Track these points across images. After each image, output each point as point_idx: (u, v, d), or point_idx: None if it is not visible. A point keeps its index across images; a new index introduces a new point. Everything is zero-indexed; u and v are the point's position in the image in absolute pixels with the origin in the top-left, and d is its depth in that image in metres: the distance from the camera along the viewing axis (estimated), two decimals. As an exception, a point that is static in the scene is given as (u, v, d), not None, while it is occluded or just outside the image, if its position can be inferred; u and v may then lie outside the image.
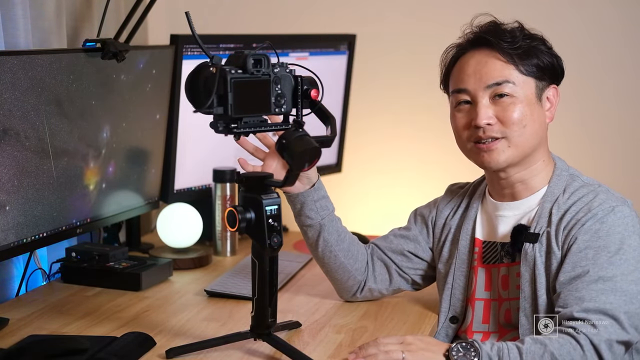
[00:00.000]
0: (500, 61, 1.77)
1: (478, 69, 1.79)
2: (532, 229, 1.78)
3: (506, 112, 1.76)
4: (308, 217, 1.88)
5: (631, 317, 1.63)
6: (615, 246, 1.69)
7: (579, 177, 1.82)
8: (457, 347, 1.60)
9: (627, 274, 1.67)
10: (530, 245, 1.77)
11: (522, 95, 1.77)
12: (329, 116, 1.69)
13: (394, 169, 2.89)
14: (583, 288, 1.67)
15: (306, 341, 1.81)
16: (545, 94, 1.81)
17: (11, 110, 1.85)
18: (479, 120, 1.77)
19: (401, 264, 1.99)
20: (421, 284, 2.03)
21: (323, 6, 2.89)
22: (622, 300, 1.64)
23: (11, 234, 1.90)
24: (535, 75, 1.78)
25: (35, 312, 1.95)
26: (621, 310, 1.63)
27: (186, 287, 2.18)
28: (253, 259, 1.68)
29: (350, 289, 1.99)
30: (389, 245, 2.00)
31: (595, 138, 2.69)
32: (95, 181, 2.17)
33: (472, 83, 1.79)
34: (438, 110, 2.84)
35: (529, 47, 1.78)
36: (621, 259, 1.68)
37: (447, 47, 1.87)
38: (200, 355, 1.71)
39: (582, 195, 1.77)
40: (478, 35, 1.82)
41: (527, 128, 1.77)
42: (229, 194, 2.45)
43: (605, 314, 1.62)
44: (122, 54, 2.09)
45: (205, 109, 1.56)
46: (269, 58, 1.61)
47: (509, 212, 1.84)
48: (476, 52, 1.81)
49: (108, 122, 2.17)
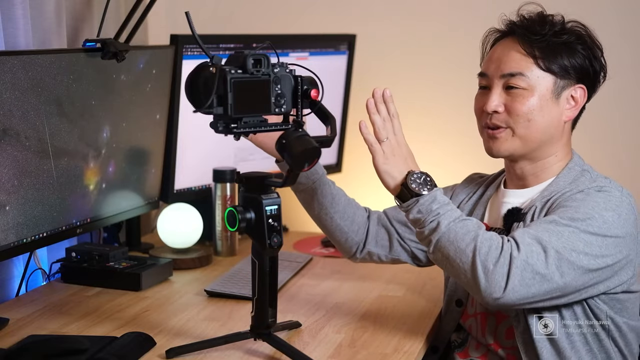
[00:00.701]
0: (520, 53, 1.78)
1: (500, 57, 1.80)
2: (524, 211, 1.79)
3: (514, 103, 1.77)
4: (299, 182, 1.88)
5: (560, 260, 1.61)
6: (586, 210, 1.68)
7: (589, 172, 1.82)
8: (418, 175, 1.72)
9: (582, 232, 1.64)
10: (517, 224, 1.78)
11: (535, 89, 1.76)
12: (329, 116, 1.69)
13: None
14: (533, 224, 1.68)
15: (306, 341, 1.81)
16: (569, 92, 1.79)
17: (11, 110, 1.85)
18: (487, 106, 1.79)
19: (404, 234, 1.99)
20: (422, 261, 2.00)
21: (323, 6, 2.89)
22: (560, 242, 1.62)
23: (11, 234, 1.90)
24: (556, 73, 1.77)
25: (35, 312, 1.95)
26: (553, 247, 1.61)
27: (186, 287, 2.18)
28: (253, 259, 1.68)
29: (349, 249, 1.99)
30: (396, 215, 2.00)
31: (596, 138, 2.69)
32: (95, 181, 2.17)
33: (491, 69, 1.81)
34: (438, 110, 2.86)
35: (558, 43, 1.77)
36: (584, 223, 1.66)
37: (487, 30, 1.89)
38: (200, 355, 1.71)
39: (579, 184, 1.77)
40: (510, 25, 1.83)
41: (533, 122, 1.77)
42: (229, 194, 2.45)
43: (538, 241, 1.61)
44: (122, 54, 2.09)
45: (205, 109, 1.56)
46: (268, 58, 1.61)
47: (514, 199, 1.85)
48: (506, 40, 1.82)
49: (108, 122, 2.17)
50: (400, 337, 1.84)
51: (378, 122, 1.75)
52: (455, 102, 2.77)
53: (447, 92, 2.82)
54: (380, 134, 1.75)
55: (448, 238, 1.65)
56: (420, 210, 1.69)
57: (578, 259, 1.63)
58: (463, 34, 2.78)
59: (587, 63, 1.79)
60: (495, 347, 1.83)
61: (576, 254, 1.63)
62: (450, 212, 1.68)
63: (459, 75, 2.82)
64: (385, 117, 1.76)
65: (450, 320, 1.93)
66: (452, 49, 2.79)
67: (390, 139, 1.75)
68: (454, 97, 2.79)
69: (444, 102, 2.83)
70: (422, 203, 1.69)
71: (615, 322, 1.75)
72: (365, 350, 1.77)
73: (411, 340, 1.83)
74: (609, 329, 1.75)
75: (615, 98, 2.67)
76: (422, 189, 1.70)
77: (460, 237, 1.64)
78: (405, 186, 1.71)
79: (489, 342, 1.84)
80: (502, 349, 1.82)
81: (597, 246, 1.65)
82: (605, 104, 2.66)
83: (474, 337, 1.88)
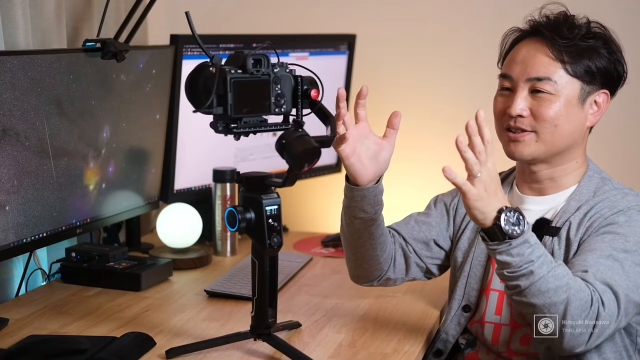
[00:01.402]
0: (548, 57, 1.74)
1: (525, 59, 1.76)
2: (554, 223, 1.77)
3: (540, 108, 1.73)
4: (363, 210, 1.79)
5: (627, 303, 1.61)
6: (635, 239, 1.67)
7: (610, 181, 1.80)
8: (511, 214, 1.56)
9: (638, 265, 1.64)
10: (550, 238, 1.75)
11: (562, 94, 1.73)
12: (329, 116, 1.69)
13: (394, 169, 2.86)
14: (591, 259, 1.64)
15: (306, 341, 1.81)
16: (593, 97, 1.76)
17: (11, 110, 1.85)
18: (512, 109, 1.75)
19: (421, 252, 1.93)
20: (435, 274, 1.98)
21: (323, 6, 2.88)
22: (626, 284, 1.61)
23: (11, 234, 1.90)
24: (583, 78, 1.74)
25: (35, 312, 1.95)
26: (623, 292, 1.59)
27: (186, 287, 2.18)
28: (253, 259, 1.68)
29: (371, 277, 1.91)
30: (410, 232, 1.94)
31: (596, 138, 2.69)
32: (95, 181, 2.17)
33: (516, 72, 1.77)
34: (438, 110, 2.86)
35: (585, 47, 1.74)
36: (637, 252, 1.65)
37: (509, 29, 1.84)
38: (200, 355, 1.71)
39: (610, 196, 1.75)
40: (536, 26, 1.78)
41: (559, 128, 1.74)
42: (229, 194, 2.45)
43: (610, 287, 1.59)
44: (122, 53, 2.09)
45: (205, 109, 1.56)
46: (268, 58, 1.61)
47: (535, 206, 1.82)
48: (531, 41, 1.78)
49: (108, 122, 2.17)
50: (400, 338, 1.84)
51: (471, 159, 1.54)
52: (456, 103, 2.78)
53: (448, 92, 2.82)
54: (473, 171, 1.55)
55: (539, 288, 1.56)
56: (511, 253, 1.56)
57: (638, 295, 1.63)
58: (463, 33, 2.78)
59: (611, 67, 1.76)
60: (509, 355, 1.81)
61: (637, 289, 1.63)
62: (542, 257, 1.57)
63: (459, 75, 2.83)
64: (479, 149, 1.56)
65: (456, 325, 1.89)
66: (452, 49, 2.79)
67: (483, 173, 1.55)
68: (454, 97, 2.79)
69: (445, 102, 2.82)
70: (514, 246, 1.56)
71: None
72: (365, 350, 1.77)
73: (411, 341, 1.82)
74: (637, 341, 1.75)
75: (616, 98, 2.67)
76: (514, 229, 1.56)
77: (552, 289, 1.55)
78: (497, 226, 1.56)
79: (501, 350, 1.82)
80: (516, 356, 1.80)
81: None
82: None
83: (482, 343, 1.87)
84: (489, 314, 1.84)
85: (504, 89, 1.80)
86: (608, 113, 1.72)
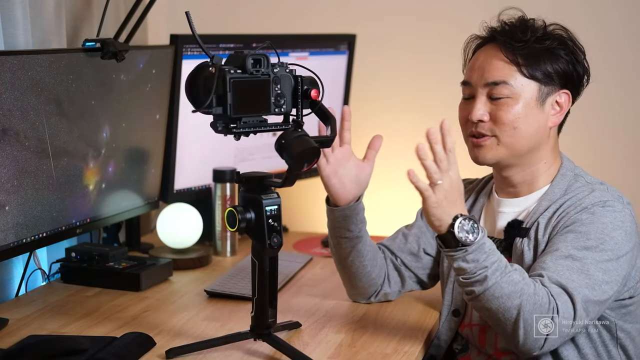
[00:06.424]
0: (503, 61, 1.77)
1: (482, 65, 1.79)
2: (525, 225, 1.79)
3: (499, 112, 1.76)
4: (348, 230, 1.87)
5: (586, 303, 1.62)
6: (597, 235, 1.68)
7: (583, 177, 1.81)
8: (465, 222, 1.59)
9: (599, 262, 1.65)
10: (520, 239, 1.78)
11: (520, 97, 1.75)
12: (330, 116, 1.69)
13: (394, 169, 2.88)
14: (550, 261, 1.66)
15: (306, 341, 1.81)
16: (553, 98, 1.78)
17: (11, 110, 1.85)
18: (472, 115, 1.78)
19: (411, 264, 1.98)
20: (428, 284, 2.02)
21: (323, 6, 2.88)
22: (585, 282, 1.62)
23: (11, 234, 1.90)
24: (540, 80, 1.76)
25: (35, 312, 1.95)
26: (580, 292, 1.61)
27: (186, 287, 2.18)
28: (253, 259, 1.68)
29: (367, 294, 1.99)
30: (398, 246, 1.99)
31: (596, 138, 2.69)
32: (95, 181, 2.17)
33: (474, 78, 1.80)
34: (438, 110, 2.85)
35: (541, 49, 1.75)
36: (598, 248, 1.67)
37: (469, 36, 1.87)
38: (200, 355, 1.70)
39: (578, 193, 1.77)
40: (491, 32, 1.81)
41: (519, 130, 1.76)
42: (229, 194, 2.45)
43: (565, 290, 1.61)
44: (121, 53, 2.09)
45: (205, 109, 1.56)
46: (268, 58, 1.61)
47: (510, 208, 1.85)
48: (488, 47, 1.81)
49: (108, 122, 2.17)
50: (400, 338, 1.84)
51: (431, 168, 1.58)
52: (456, 103, 2.77)
53: (448, 92, 2.80)
54: (433, 178, 1.59)
55: (493, 294, 1.60)
56: (467, 259, 1.60)
57: (600, 293, 1.64)
58: (463, 33, 2.77)
59: (570, 68, 1.78)
60: (498, 355, 1.82)
61: (598, 287, 1.64)
62: (497, 263, 1.61)
63: (459, 75, 2.81)
64: (440, 157, 1.59)
65: (447, 330, 1.92)
66: (452, 49, 2.76)
67: (444, 181, 1.59)
68: (454, 97, 2.78)
69: (444, 102, 2.81)
70: (469, 252, 1.60)
71: (622, 328, 1.75)
72: (365, 350, 1.77)
73: (411, 341, 1.82)
74: (617, 335, 1.76)
75: (616, 98, 2.67)
76: (467, 237, 1.59)
77: (506, 295, 1.59)
78: (451, 233, 1.60)
79: (489, 352, 1.83)
80: (505, 356, 1.81)
81: (613, 271, 1.67)
82: (606, 103, 2.68)
83: (474, 346, 1.88)
84: (475, 317, 1.86)
85: (466, 96, 1.83)
86: (606, 112, 1.73)
